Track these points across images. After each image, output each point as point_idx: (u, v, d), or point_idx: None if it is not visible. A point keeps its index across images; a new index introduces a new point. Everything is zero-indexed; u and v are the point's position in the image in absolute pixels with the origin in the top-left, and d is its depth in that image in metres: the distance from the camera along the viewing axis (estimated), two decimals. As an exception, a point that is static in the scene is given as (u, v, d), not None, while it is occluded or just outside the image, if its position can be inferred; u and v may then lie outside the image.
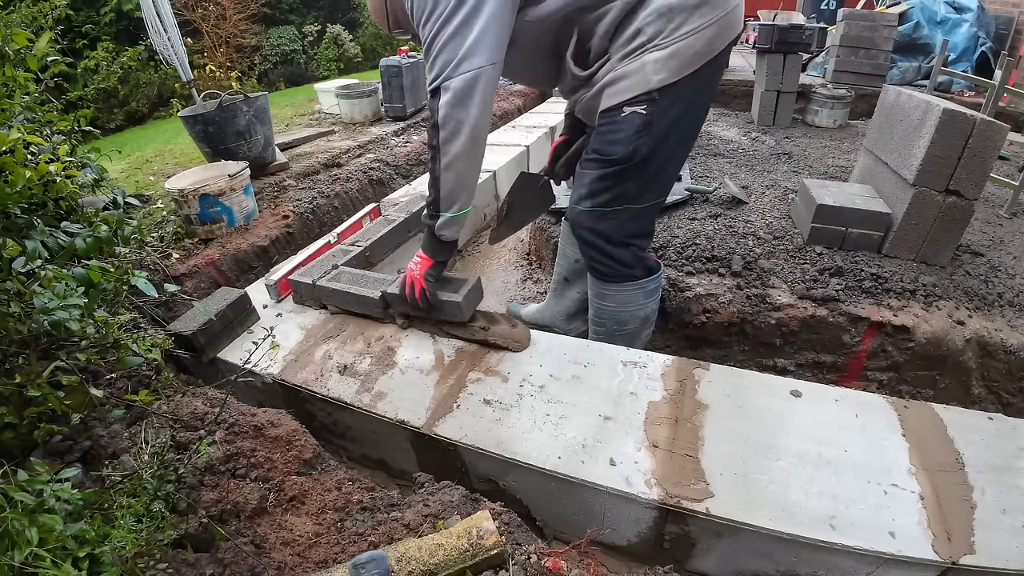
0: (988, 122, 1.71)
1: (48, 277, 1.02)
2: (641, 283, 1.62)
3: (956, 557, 1.00)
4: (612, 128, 1.45)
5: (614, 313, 1.69)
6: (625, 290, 1.63)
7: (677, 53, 1.34)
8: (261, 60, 9.10)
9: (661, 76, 1.36)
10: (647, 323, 1.72)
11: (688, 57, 1.34)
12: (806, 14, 5.97)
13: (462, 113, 1.33)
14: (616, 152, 1.45)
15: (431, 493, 1.20)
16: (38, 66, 1.59)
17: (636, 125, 1.42)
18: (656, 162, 1.47)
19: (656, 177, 1.51)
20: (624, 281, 1.61)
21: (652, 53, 1.35)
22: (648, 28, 1.35)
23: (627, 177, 1.48)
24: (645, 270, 1.62)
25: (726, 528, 1.11)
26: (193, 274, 2.27)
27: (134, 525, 0.92)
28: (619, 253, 1.58)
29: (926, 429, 1.27)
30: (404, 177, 3.71)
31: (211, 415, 1.30)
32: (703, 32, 1.32)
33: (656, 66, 1.36)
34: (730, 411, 1.34)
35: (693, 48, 1.34)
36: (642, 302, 1.65)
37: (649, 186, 1.51)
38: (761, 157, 3.20)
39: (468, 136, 1.35)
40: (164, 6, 3.25)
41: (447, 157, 1.38)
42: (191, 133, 2.95)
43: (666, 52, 1.34)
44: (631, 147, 1.43)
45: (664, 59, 1.35)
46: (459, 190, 1.44)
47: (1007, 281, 1.93)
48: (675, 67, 1.35)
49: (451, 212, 1.46)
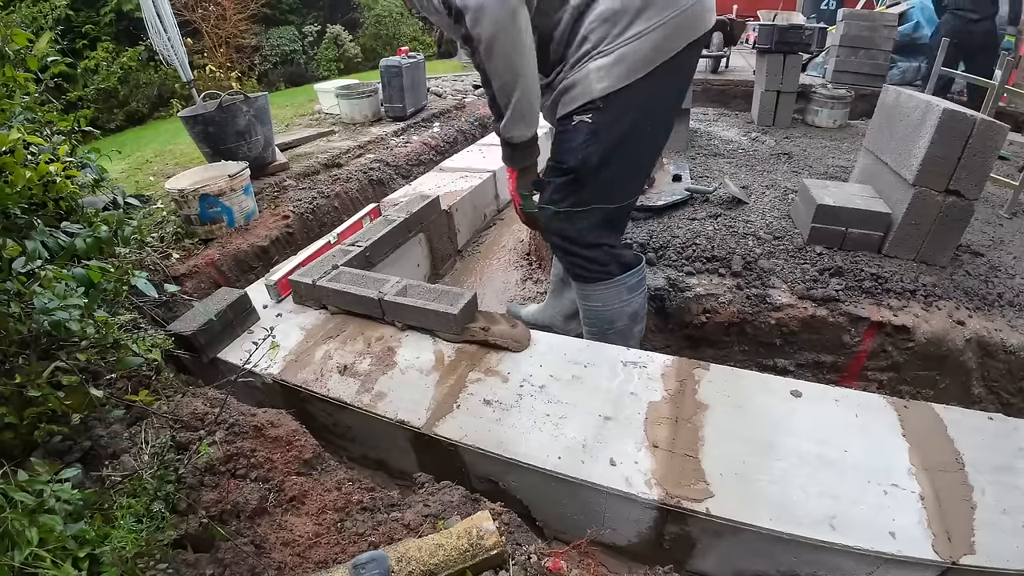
0: (988, 122, 1.71)
1: (48, 277, 1.02)
2: (619, 280, 1.61)
3: (956, 557, 1.00)
4: (564, 137, 1.46)
5: (600, 312, 1.68)
6: (605, 289, 1.62)
7: (622, 58, 1.31)
8: (261, 60, 9.10)
9: (604, 84, 1.34)
10: (636, 318, 1.71)
11: (634, 62, 1.31)
12: (806, 14, 5.97)
13: (479, 29, 1.27)
14: (568, 161, 1.46)
15: (431, 493, 1.20)
16: (38, 66, 1.59)
17: (584, 134, 1.42)
18: (610, 169, 1.46)
19: (614, 182, 1.50)
20: (601, 280, 1.61)
21: (596, 60, 1.34)
22: (592, 35, 1.33)
23: (582, 185, 1.48)
24: (621, 266, 1.61)
25: (726, 528, 1.11)
26: (193, 274, 2.27)
27: (134, 525, 0.92)
28: (589, 253, 1.57)
29: (926, 429, 1.27)
30: (404, 177, 3.71)
31: (211, 415, 1.30)
32: (649, 36, 1.29)
33: (599, 74, 1.34)
34: (730, 411, 1.34)
35: (639, 52, 1.31)
36: (625, 298, 1.64)
37: (608, 191, 1.51)
38: (761, 157, 3.20)
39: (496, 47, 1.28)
40: (164, 6, 3.25)
41: (488, 65, 1.33)
42: (191, 133, 2.95)
43: (610, 59, 1.32)
44: (580, 156, 1.43)
45: (608, 66, 1.33)
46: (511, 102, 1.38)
47: (1007, 281, 1.93)
48: (620, 73, 1.32)
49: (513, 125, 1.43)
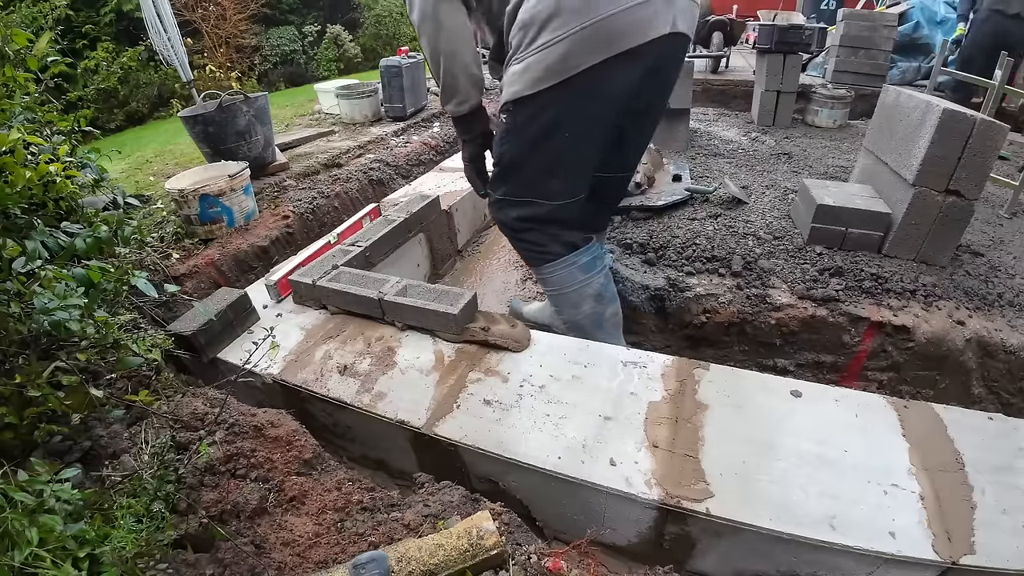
0: (988, 122, 1.71)
1: (48, 277, 1.02)
2: (566, 259, 1.64)
3: (956, 557, 1.00)
4: (495, 129, 1.58)
5: (562, 296, 1.72)
6: (554, 271, 1.66)
7: (528, 67, 1.35)
8: (261, 60, 9.10)
9: (514, 88, 1.40)
10: (603, 300, 1.71)
11: (539, 72, 1.34)
12: (806, 14, 5.97)
13: (412, 16, 1.43)
14: (494, 152, 1.58)
15: (431, 493, 1.20)
16: (38, 66, 1.59)
17: (501, 132, 1.53)
18: (526, 168, 1.53)
19: (536, 181, 1.56)
20: (547, 262, 1.66)
21: (512, 66, 1.40)
22: (512, 41, 1.38)
23: (505, 177, 1.59)
24: (564, 246, 1.64)
25: (726, 528, 1.11)
26: (193, 274, 2.27)
27: (134, 525, 0.92)
28: (527, 235, 1.64)
29: (926, 429, 1.27)
30: (404, 177, 3.71)
31: (211, 415, 1.30)
32: (555, 45, 1.29)
33: (512, 78, 1.40)
34: (730, 411, 1.34)
35: (545, 61, 1.32)
36: (581, 278, 1.67)
37: (534, 189, 1.56)
38: (761, 157, 3.20)
39: (422, 30, 1.42)
40: (164, 6, 3.26)
41: (421, 45, 1.47)
42: (191, 133, 2.94)
43: (520, 66, 1.37)
44: (497, 152, 1.55)
45: (519, 72, 1.37)
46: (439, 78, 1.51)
47: (1007, 281, 1.93)
48: (527, 81, 1.36)
49: (445, 99, 1.56)
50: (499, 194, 1.63)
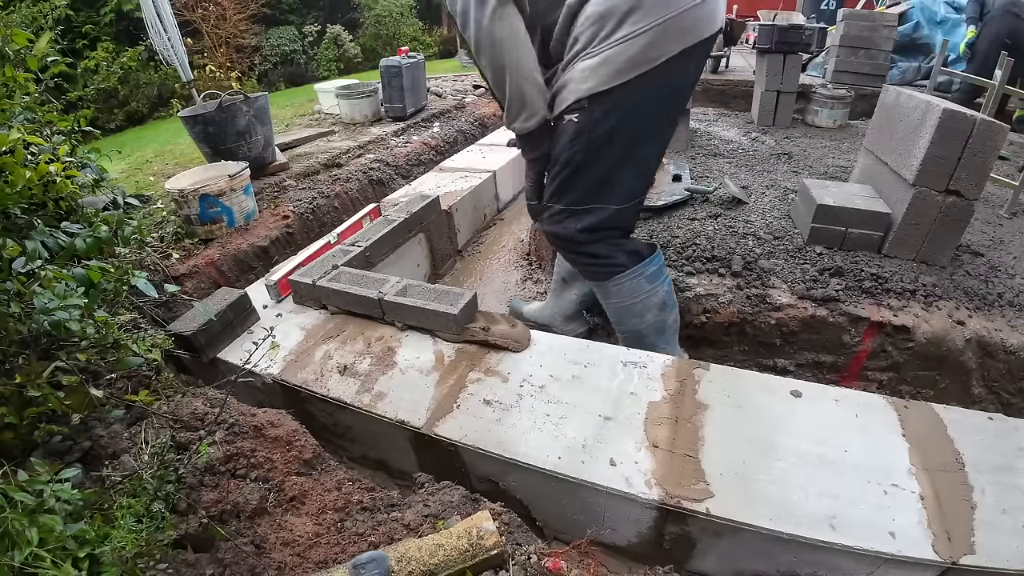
0: (988, 122, 1.71)
1: (48, 277, 1.02)
2: (633, 271, 1.58)
3: (956, 557, 1.00)
4: (556, 136, 1.48)
5: (626, 308, 1.65)
6: (621, 282, 1.59)
7: (607, 60, 1.31)
8: (261, 60, 9.10)
9: (589, 84, 1.34)
10: (666, 308, 1.66)
11: (621, 64, 1.30)
12: (806, 14, 5.97)
13: (466, 32, 1.35)
14: (559, 159, 1.48)
15: (431, 493, 1.20)
16: (38, 66, 1.59)
17: (570, 134, 1.43)
18: (596, 170, 1.46)
19: (605, 184, 1.49)
20: (614, 275, 1.58)
21: (584, 61, 1.34)
22: (582, 36, 1.33)
23: (571, 184, 1.49)
24: (630, 255, 1.58)
25: (726, 528, 1.11)
26: (193, 274, 2.27)
27: (134, 525, 0.92)
28: (590, 248, 1.56)
29: (926, 429, 1.27)
30: (404, 177, 3.71)
31: (211, 415, 1.30)
32: (636, 39, 1.28)
33: (584, 74, 1.34)
34: (730, 411, 1.34)
35: (625, 55, 1.29)
36: (647, 289, 1.60)
37: (600, 192, 1.50)
38: (761, 157, 3.20)
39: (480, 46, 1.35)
40: (164, 6, 3.25)
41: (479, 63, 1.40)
42: (191, 133, 2.95)
43: (596, 59, 1.32)
44: (566, 155, 1.45)
45: (594, 67, 1.32)
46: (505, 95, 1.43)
47: (1007, 281, 1.92)
48: (606, 74, 1.32)
49: (512, 117, 1.46)
50: (562, 204, 1.52)
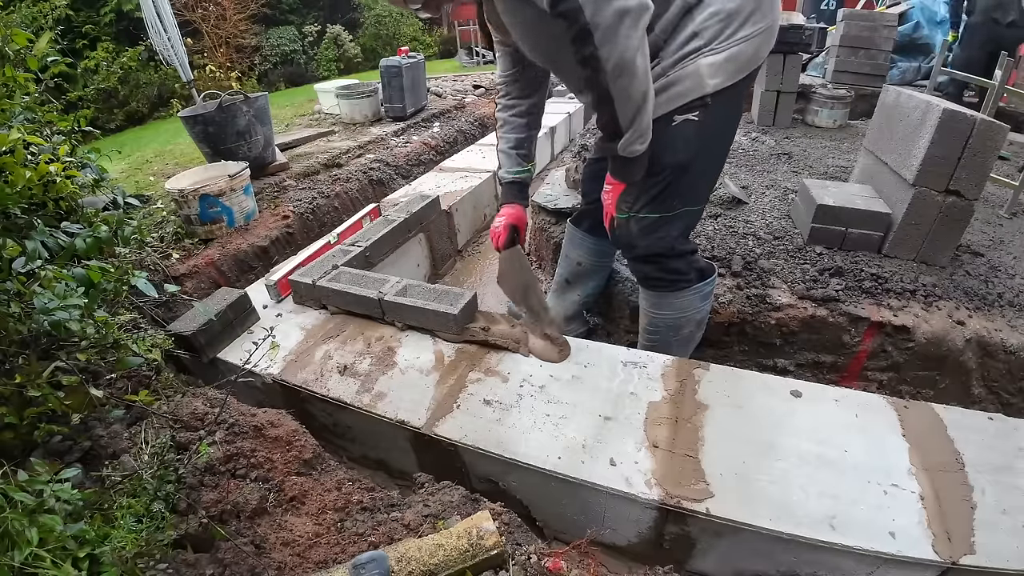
0: (988, 122, 1.71)
1: (48, 277, 1.02)
2: (697, 288, 1.59)
3: (956, 557, 1.00)
4: (663, 137, 1.37)
5: (671, 321, 1.66)
6: (682, 297, 1.60)
7: (733, 58, 1.32)
8: (261, 60, 9.11)
9: (717, 80, 1.32)
10: (701, 326, 1.71)
11: (742, 62, 1.33)
12: (806, 14, 5.98)
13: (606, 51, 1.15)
14: (669, 163, 1.40)
15: (431, 493, 1.20)
16: (38, 66, 1.59)
17: (688, 133, 1.37)
18: (700, 167, 1.45)
19: (703, 183, 1.52)
20: (681, 289, 1.59)
21: (708, 57, 1.32)
22: (706, 31, 1.31)
23: (675, 189, 1.43)
24: (699, 273, 1.59)
25: (726, 528, 1.11)
26: (193, 274, 2.27)
27: (134, 525, 0.92)
28: (675, 264, 1.56)
29: (926, 429, 1.27)
30: (404, 177, 3.71)
31: (211, 415, 1.30)
32: (755, 39, 1.32)
33: (711, 70, 1.32)
34: (730, 411, 1.34)
35: (746, 54, 1.32)
36: (698, 306, 1.64)
37: (697, 193, 1.51)
38: (761, 157, 3.20)
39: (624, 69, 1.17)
40: (164, 6, 3.26)
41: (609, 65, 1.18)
42: (191, 133, 2.95)
43: (722, 56, 1.31)
44: (680, 157, 1.39)
45: (720, 63, 1.32)
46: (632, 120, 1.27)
47: (1007, 281, 1.92)
48: (731, 71, 1.33)
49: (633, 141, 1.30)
50: (657, 212, 1.46)
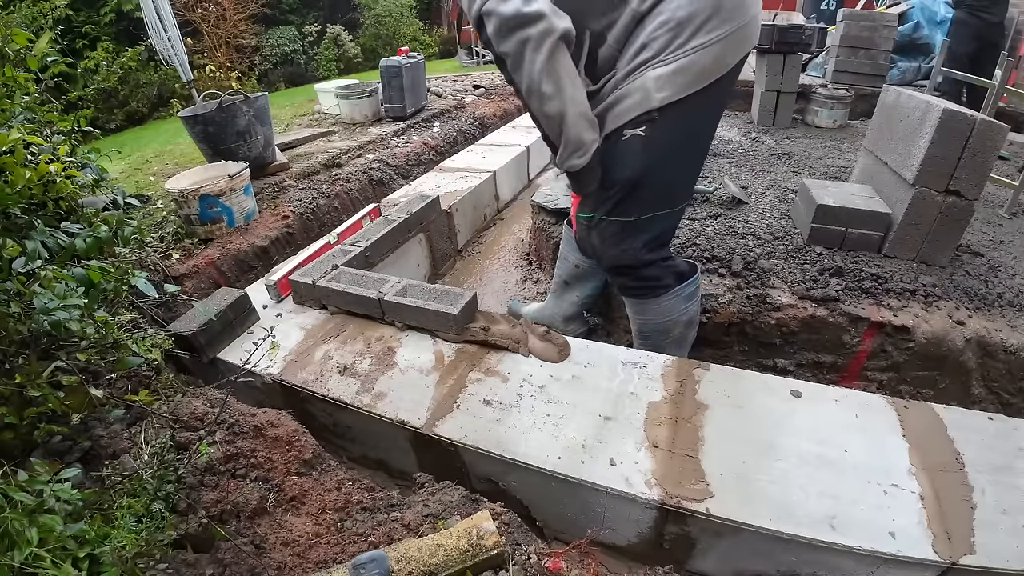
0: (988, 122, 1.71)
1: (48, 277, 1.02)
2: (677, 290, 1.57)
3: (956, 557, 1.00)
4: (613, 152, 1.40)
5: (658, 325, 1.65)
6: (663, 301, 1.59)
7: (682, 69, 1.27)
8: (261, 60, 9.10)
9: (664, 94, 1.29)
10: (691, 325, 1.69)
11: (694, 74, 1.27)
12: (806, 14, 5.97)
13: (517, 76, 1.26)
14: (619, 177, 1.41)
15: (431, 493, 1.20)
16: (38, 66, 1.59)
17: (635, 148, 1.37)
18: (656, 182, 1.41)
19: (660, 197, 1.47)
20: (660, 295, 1.57)
21: (656, 69, 1.28)
22: (654, 43, 1.27)
23: (628, 200, 1.44)
24: (677, 277, 1.58)
25: (726, 528, 1.11)
26: (193, 274, 2.27)
27: (134, 525, 0.92)
28: (646, 272, 1.54)
29: (926, 429, 1.27)
30: (404, 177, 3.71)
31: (211, 415, 1.30)
32: (710, 48, 1.25)
33: (659, 83, 1.28)
34: (730, 411, 1.34)
35: (699, 64, 1.26)
36: (683, 307, 1.61)
37: (653, 205, 1.47)
38: (761, 157, 3.20)
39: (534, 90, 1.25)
40: (164, 6, 3.25)
41: (523, 88, 1.28)
42: (191, 133, 2.95)
43: (670, 68, 1.27)
44: (629, 172, 1.39)
45: (668, 75, 1.27)
46: (561, 136, 1.33)
47: (1007, 281, 1.92)
48: (681, 84, 1.28)
49: (568, 156, 1.36)
50: (624, 220, 1.46)
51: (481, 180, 3.19)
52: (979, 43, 3.71)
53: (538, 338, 1.61)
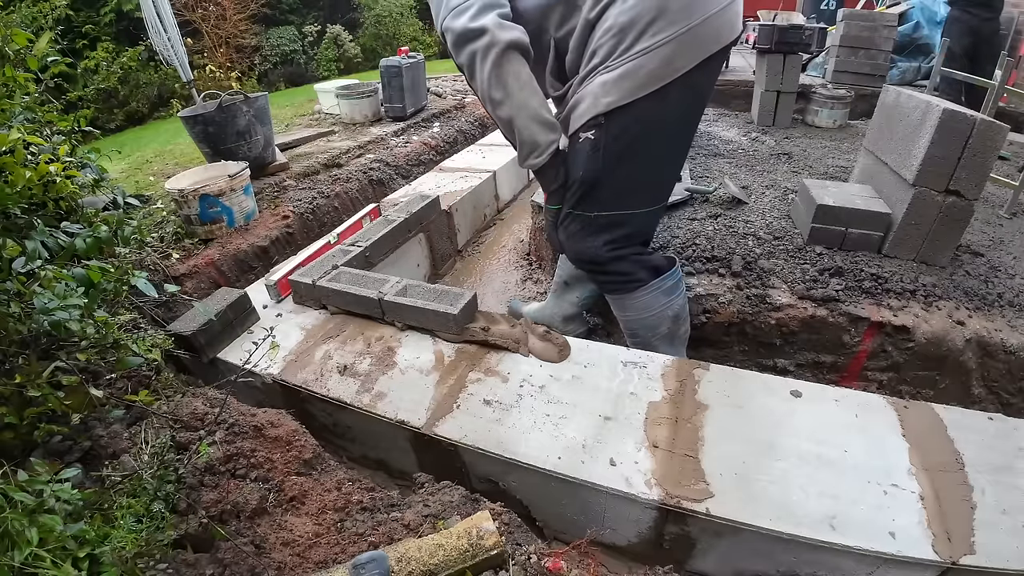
0: (988, 122, 1.71)
1: (48, 277, 1.02)
2: (652, 285, 1.57)
3: (956, 557, 1.00)
4: (570, 153, 1.47)
5: (641, 321, 1.65)
6: (639, 296, 1.59)
7: (627, 74, 1.28)
8: (261, 60, 9.11)
9: (609, 99, 1.31)
10: (679, 320, 1.68)
11: (641, 78, 1.27)
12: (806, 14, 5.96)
13: (473, 83, 1.36)
14: (576, 178, 1.46)
15: (431, 493, 1.20)
16: (38, 66, 1.59)
17: (586, 151, 1.41)
18: (615, 183, 1.44)
19: (626, 193, 1.48)
20: (633, 290, 1.58)
21: (602, 75, 1.31)
22: (601, 49, 1.30)
23: (590, 197, 1.47)
24: (651, 271, 1.58)
25: (726, 528, 1.11)
26: (193, 274, 2.27)
27: (134, 525, 0.92)
28: (614, 267, 1.55)
29: (926, 429, 1.27)
30: (404, 177, 3.71)
31: (211, 415, 1.30)
32: (657, 51, 1.25)
33: (604, 88, 1.31)
34: (730, 411, 1.34)
35: (646, 68, 1.26)
36: (664, 302, 1.61)
37: (615, 203, 1.49)
38: (761, 157, 3.20)
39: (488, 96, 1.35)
40: (164, 6, 3.25)
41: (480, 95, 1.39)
42: (191, 133, 2.95)
43: (615, 73, 1.29)
44: (582, 173, 1.44)
45: (613, 81, 1.29)
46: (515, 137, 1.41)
47: (1007, 281, 1.92)
48: (628, 88, 1.29)
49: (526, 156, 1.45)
50: (585, 216, 1.51)
51: (481, 180, 3.19)
52: (974, 39, 3.70)
53: (538, 338, 1.61)
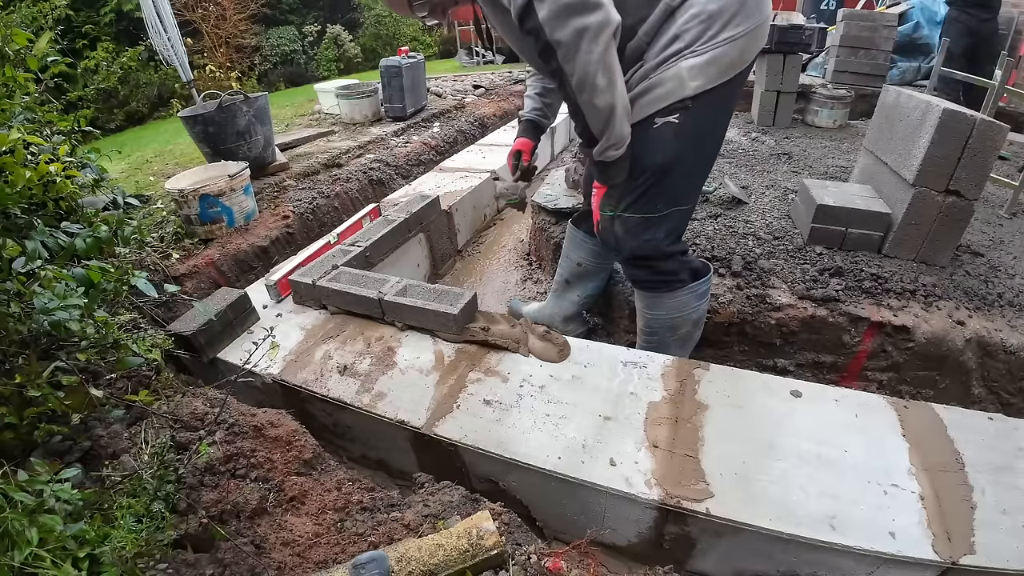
0: (988, 122, 1.71)
1: (48, 277, 1.02)
2: (692, 287, 1.58)
3: (956, 557, 1.00)
4: (644, 140, 1.39)
5: (667, 321, 1.66)
6: (677, 296, 1.60)
7: (715, 60, 1.31)
8: (261, 60, 9.11)
9: (698, 82, 1.32)
10: (698, 325, 1.70)
11: (724, 65, 1.32)
12: (806, 14, 5.96)
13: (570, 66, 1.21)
14: (649, 165, 1.41)
15: (431, 493, 1.20)
16: (38, 66, 1.59)
17: (668, 136, 1.38)
18: (687, 171, 1.45)
19: (688, 186, 1.50)
20: (675, 289, 1.59)
21: (689, 59, 1.31)
22: (687, 34, 1.31)
23: (659, 191, 1.45)
24: (692, 273, 1.59)
25: (726, 528, 1.11)
26: (193, 274, 2.27)
27: (134, 525, 0.92)
28: (665, 265, 1.55)
29: (926, 429, 1.27)
30: (404, 177, 3.71)
31: (211, 415, 1.30)
32: (738, 41, 1.30)
33: (692, 72, 1.32)
34: (730, 411, 1.34)
35: (729, 56, 1.31)
36: (694, 305, 1.63)
37: (681, 194, 1.50)
38: (761, 157, 3.20)
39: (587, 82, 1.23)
40: (164, 6, 3.26)
41: (573, 80, 1.24)
42: (191, 133, 2.95)
43: (703, 58, 1.30)
44: (660, 159, 1.40)
45: (701, 65, 1.31)
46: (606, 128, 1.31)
47: (1007, 281, 1.92)
48: (712, 74, 1.32)
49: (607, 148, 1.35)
50: (639, 213, 1.47)
51: (481, 180, 3.19)
52: (973, 39, 3.70)
53: (538, 338, 1.61)
